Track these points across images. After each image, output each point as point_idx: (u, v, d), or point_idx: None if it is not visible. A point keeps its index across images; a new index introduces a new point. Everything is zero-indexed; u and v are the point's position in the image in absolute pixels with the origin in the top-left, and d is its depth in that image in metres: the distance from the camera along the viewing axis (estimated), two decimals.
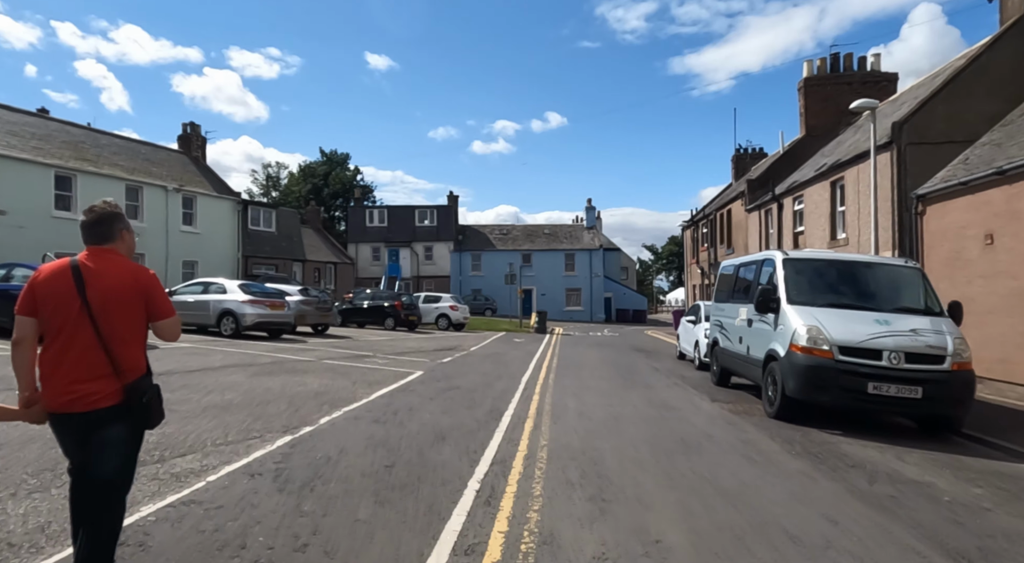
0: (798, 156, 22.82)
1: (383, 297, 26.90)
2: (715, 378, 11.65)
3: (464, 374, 12.22)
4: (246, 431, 6.44)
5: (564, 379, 12.08)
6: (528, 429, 7.26)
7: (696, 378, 12.94)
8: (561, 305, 48.08)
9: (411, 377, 11.28)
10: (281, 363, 12.08)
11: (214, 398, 8.03)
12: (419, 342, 20.17)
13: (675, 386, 11.52)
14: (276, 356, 13.16)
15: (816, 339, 7.59)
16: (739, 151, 35.84)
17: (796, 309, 8.06)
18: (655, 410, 8.77)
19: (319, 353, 14.44)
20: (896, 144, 13.20)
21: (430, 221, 51.23)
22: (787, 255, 8.88)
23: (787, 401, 7.86)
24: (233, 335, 16.61)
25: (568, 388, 10.82)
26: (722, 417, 8.37)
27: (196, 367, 10.74)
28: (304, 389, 9.23)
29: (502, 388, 10.51)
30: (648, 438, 6.90)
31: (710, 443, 6.73)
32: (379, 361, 13.65)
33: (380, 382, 10.43)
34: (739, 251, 25.30)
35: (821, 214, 17.10)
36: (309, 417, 7.30)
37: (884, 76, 22.67)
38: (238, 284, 17.22)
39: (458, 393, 9.72)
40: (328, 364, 12.45)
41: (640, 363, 16.04)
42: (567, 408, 8.74)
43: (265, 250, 33.98)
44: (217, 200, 30.91)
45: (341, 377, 10.69)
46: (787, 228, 19.77)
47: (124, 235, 2.97)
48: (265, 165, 78.88)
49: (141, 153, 29.60)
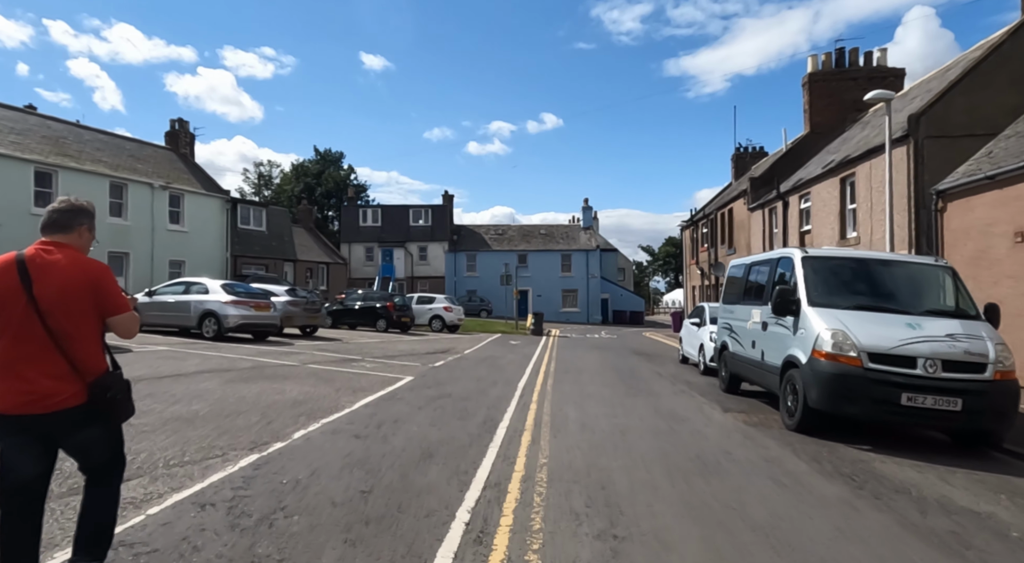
0: (802, 153, 22.17)
1: (375, 298, 26.13)
2: (724, 385, 10.95)
3: (457, 380, 11.49)
4: (207, 449, 5.70)
5: (563, 385, 11.36)
6: (525, 444, 6.54)
7: (702, 384, 12.24)
8: (557, 306, 47.35)
9: (400, 383, 10.55)
10: (261, 368, 11.33)
11: (179, 409, 7.28)
12: (411, 344, 19.43)
13: (682, 393, 10.82)
14: (257, 360, 12.40)
15: (842, 344, 6.89)
16: (739, 150, 35.21)
17: (818, 311, 7.36)
18: (664, 421, 8.06)
19: (304, 357, 13.69)
20: (913, 138, 12.52)
21: (424, 221, 50.45)
22: (806, 252, 8.18)
23: (809, 413, 7.16)
24: (215, 337, 15.84)
25: (568, 395, 10.10)
26: (738, 429, 7.66)
27: (167, 373, 9.98)
28: (282, 398, 8.49)
29: (497, 395, 9.79)
30: (660, 455, 6.19)
31: (730, 462, 6.02)
32: (367, 365, 12.91)
33: (366, 389, 9.70)
34: (741, 251, 24.64)
35: (830, 212, 16.43)
36: (282, 431, 6.57)
37: (891, 71, 22.01)
38: (221, 284, 16.45)
39: (449, 401, 9.00)
40: (312, 369, 11.70)
41: (642, 367, 15.34)
42: (568, 419, 8.03)
43: (255, 250, 33.17)
44: (205, 198, 30.10)
45: (324, 383, 9.95)
46: (793, 227, 19.09)
47: (82, 231, 2.89)
48: (257, 164, 77.64)
49: (126, 149, 28.77)
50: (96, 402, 2.73)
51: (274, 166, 71.27)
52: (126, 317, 2.86)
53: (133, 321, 2.92)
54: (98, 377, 2.74)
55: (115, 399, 2.79)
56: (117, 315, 2.82)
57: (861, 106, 21.99)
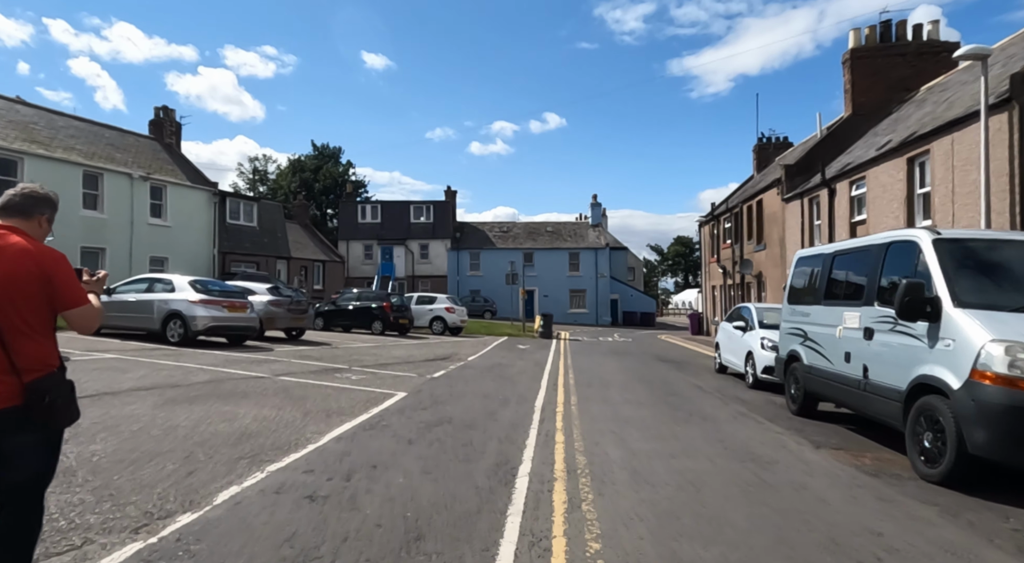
0: (845, 137, 19.97)
1: (370, 297, 24.00)
2: (795, 405, 8.76)
3: (459, 397, 9.36)
4: (62, 532, 3.60)
5: (591, 404, 9.21)
6: (560, 509, 4.42)
7: (760, 402, 10.07)
8: (565, 307, 45.11)
9: (389, 402, 8.43)
10: (219, 383, 9.20)
11: (67, 452, 5.13)
12: (408, 349, 17.30)
13: (742, 417, 8.65)
14: (219, 372, 10.28)
15: (1023, 364, 4.72)
16: (761, 140, 33.02)
17: (974, 315, 5.19)
18: (742, 465, 5.89)
19: (279, 366, 11.56)
20: (1016, 102, 10.32)
21: (426, 218, 48.28)
22: (938, 234, 6.00)
23: (967, 460, 4.99)
24: (182, 342, 13.73)
25: (600, 420, 7.96)
26: (858, 482, 5.43)
27: (93, 391, 7.85)
28: (226, 427, 6.36)
29: (511, 421, 7.65)
30: (773, 541, 4.01)
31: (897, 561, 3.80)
32: (353, 377, 10.79)
33: (344, 412, 7.57)
34: (773, 247, 22.41)
35: (892, 198, 14.19)
36: (202, 490, 4.45)
37: (944, 46, 19.77)
38: (189, 280, 14.32)
39: (450, 430, 6.86)
40: (283, 383, 9.58)
41: (675, 378, 13.17)
42: (610, 460, 5.88)
43: (245, 246, 31.07)
44: (191, 190, 28.01)
45: (292, 404, 7.82)
46: (841, 217, 16.87)
47: (42, 221, 2.72)
48: (252, 158, 74.83)
49: (104, 137, 26.71)
50: (30, 407, 2.43)
51: (270, 160, 68.70)
52: (83, 311, 2.62)
53: (92, 315, 2.66)
54: (38, 377, 2.45)
55: (53, 405, 2.46)
56: (73, 308, 2.59)
57: (911, 85, 19.81)
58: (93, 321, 2.67)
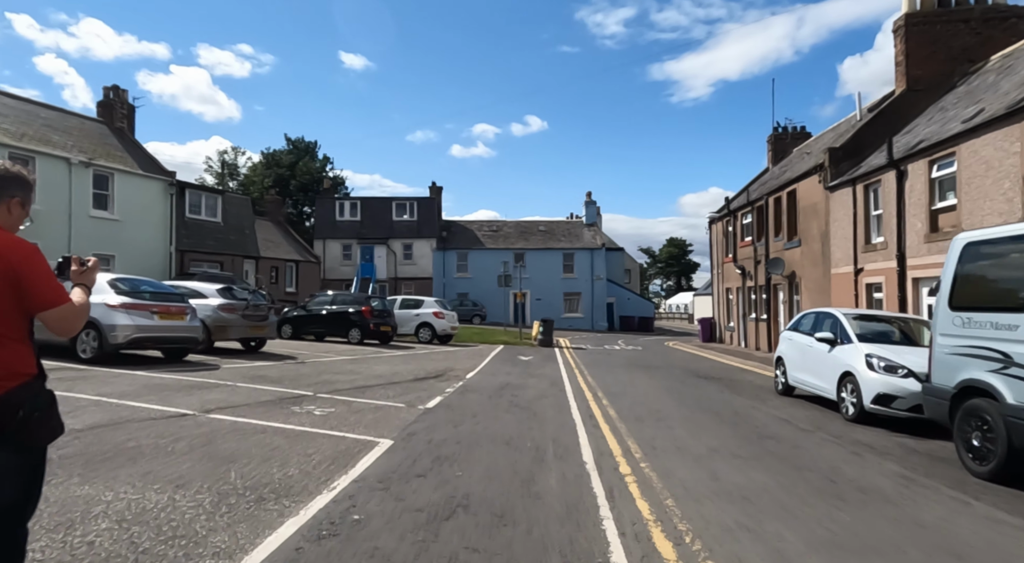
0: (900, 115, 17.26)
1: (348, 301, 20.83)
2: (982, 465, 5.75)
3: (470, 446, 6.34)
4: None
5: (665, 459, 6.25)
6: None
7: (896, 450, 7.16)
8: (559, 311, 42.10)
9: (365, 462, 5.40)
10: (108, 428, 6.08)
11: None
12: (392, 364, 14.23)
13: (906, 481, 5.73)
14: (120, 407, 7.15)
15: None
16: (777, 130, 30.41)
17: None
18: None
19: (217, 394, 8.44)
20: None
21: (410, 215, 45.05)
22: None
23: None
24: (95, 358, 10.55)
25: (699, 494, 5.02)
26: None
27: None
28: (49, 553, 3.28)
29: (562, 498, 4.65)
30: None
31: None
32: (317, 411, 7.74)
33: (290, 488, 4.53)
34: (811, 243, 19.59)
35: (1001, 176, 11.35)
36: None
37: (1013, 11, 17.24)
38: (108, 279, 11.12)
39: (470, 529, 3.85)
40: (211, 426, 6.49)
41: (741, 406, 10.26)
42: None
43: (208, 244, 27.70)
44: (143, 179, 24.67)
45: (206, 475, 4.76)
46: (916, 204, 14.03)
47: (12, 205, 2.27)
48: (221, 152, 69.82)
49: (41, 117, 23.31)
50: (3, 423, 2.08)
51: (240, 153, 64.28)
52: (61, 311, 2.19)
53: (72, 315, 2.23)
54: (12, 389, 2.10)
55: (28, 419, 2.11)
56: (49, 308, 2.17)
57: (975, 55, 17.17)
58: (75, 322, 2.26)
